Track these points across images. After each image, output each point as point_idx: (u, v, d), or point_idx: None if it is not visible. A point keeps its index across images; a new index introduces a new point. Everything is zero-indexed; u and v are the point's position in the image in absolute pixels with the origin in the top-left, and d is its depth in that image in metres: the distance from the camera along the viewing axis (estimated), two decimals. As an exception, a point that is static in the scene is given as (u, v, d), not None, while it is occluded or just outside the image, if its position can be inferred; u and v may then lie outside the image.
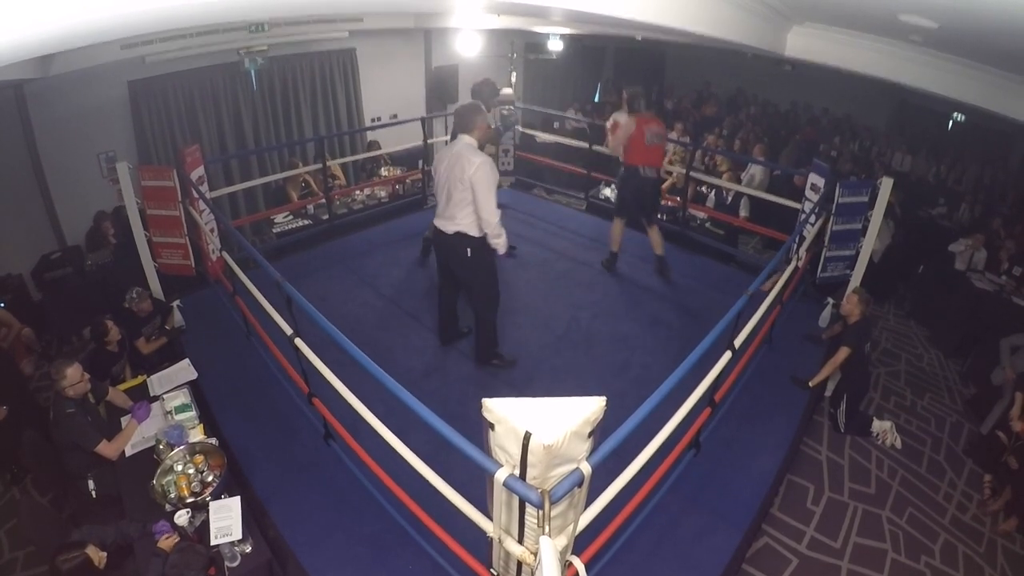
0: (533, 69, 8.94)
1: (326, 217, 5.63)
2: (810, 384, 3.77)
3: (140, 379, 3.48)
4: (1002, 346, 4.35)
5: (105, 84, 4.97)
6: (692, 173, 5.77)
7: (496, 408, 1.50)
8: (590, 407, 1.49)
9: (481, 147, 3.34)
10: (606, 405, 1.52)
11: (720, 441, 3.29)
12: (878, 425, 3.90)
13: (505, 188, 6.68)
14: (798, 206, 4.82)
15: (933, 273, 5.90)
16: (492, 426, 1.54)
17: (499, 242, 3.35)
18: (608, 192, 6.63)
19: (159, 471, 2.68)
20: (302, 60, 6.36)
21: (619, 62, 11.23)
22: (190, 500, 2.57)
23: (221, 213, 4.91)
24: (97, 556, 2.20)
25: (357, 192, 6.22)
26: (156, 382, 3.40)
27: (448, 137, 7.38)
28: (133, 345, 3.81)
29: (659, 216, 5.28)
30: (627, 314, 4.46)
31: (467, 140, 3.29)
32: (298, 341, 2.70)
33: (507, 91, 6.60)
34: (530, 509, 1.57)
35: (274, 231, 5.56)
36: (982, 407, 4.29)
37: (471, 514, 1.91)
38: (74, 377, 2.77)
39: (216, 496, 2.57)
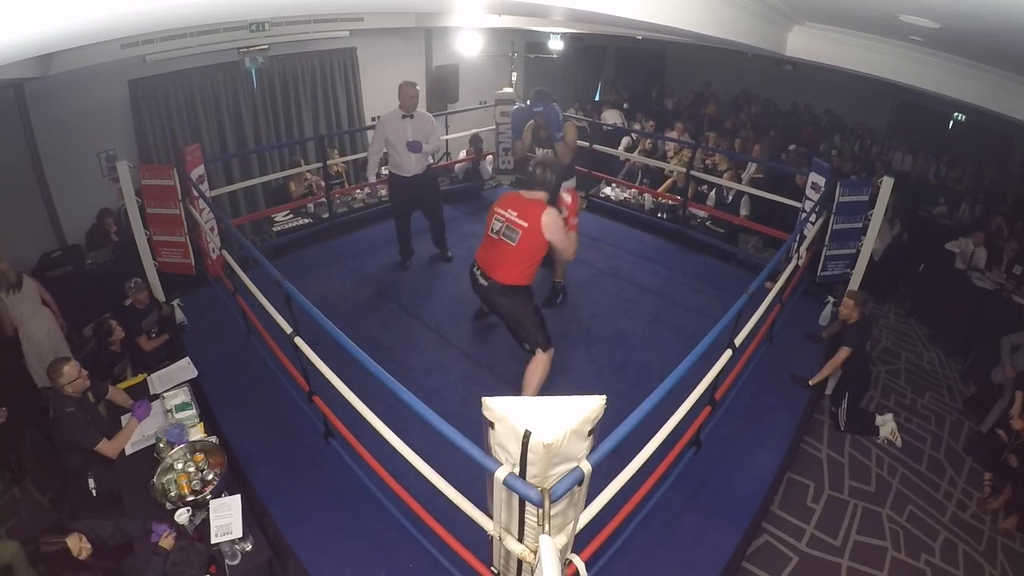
0: (534, 68, 8.94)
1: (326, 216, 5.63)
2: (810, 383, 3.78)
3: (140, 377, 3.48)
4: (1002, 344, 4.36)
5: (105, 83, 4.96)
6: (692, 172, 5.77)
7: (496, 407, 1.50)
8: (590, 406, 1.49)
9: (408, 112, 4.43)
10: (606, 404, 1.52)
11: (720, 439, 3.29)
12: (881, 420, 3.91)
13: (505, 186, 6.68)
14: (799, 205, 4.81)
15: (933, 272, 5.90)
16: (492, 425, 1.54)
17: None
18: (608, 191, 6.63)
19: (159, 469, 2.69)
20: (303, 59, 6.35)
21: (620, 62, 11.22)
22: (190, 498, 2.58)
23: (221, 212, 4.92)
24: (77, 547, 2.17)
25: (357, 191, 6.22)
26: (156, 380, 3.40)
27: (445, 134, 7.47)
28: (134, 343, 3.81)
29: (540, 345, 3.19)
30: (626, 313, 4.46)
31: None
32: (298, 340, 2.71)
33: (507, 90, 6.62)
34: (530, 507, 1.57)
35: (274, 230, 5.56)
36: (982, 405, 4.29)
37: (471, 512, 1.92)
38: (71, 374, 2.77)
39: (216, 494, 2.58)
